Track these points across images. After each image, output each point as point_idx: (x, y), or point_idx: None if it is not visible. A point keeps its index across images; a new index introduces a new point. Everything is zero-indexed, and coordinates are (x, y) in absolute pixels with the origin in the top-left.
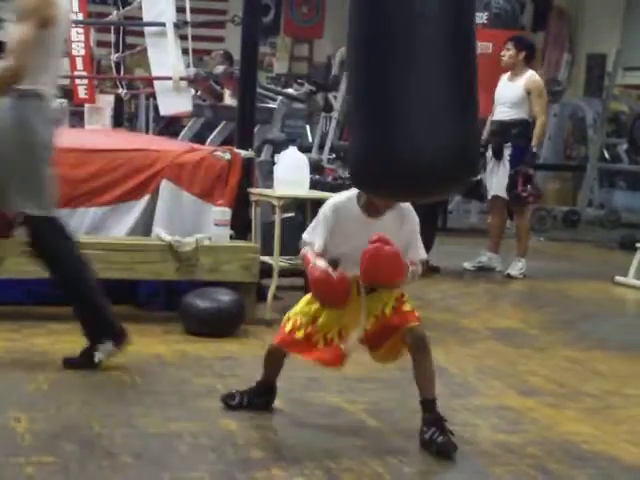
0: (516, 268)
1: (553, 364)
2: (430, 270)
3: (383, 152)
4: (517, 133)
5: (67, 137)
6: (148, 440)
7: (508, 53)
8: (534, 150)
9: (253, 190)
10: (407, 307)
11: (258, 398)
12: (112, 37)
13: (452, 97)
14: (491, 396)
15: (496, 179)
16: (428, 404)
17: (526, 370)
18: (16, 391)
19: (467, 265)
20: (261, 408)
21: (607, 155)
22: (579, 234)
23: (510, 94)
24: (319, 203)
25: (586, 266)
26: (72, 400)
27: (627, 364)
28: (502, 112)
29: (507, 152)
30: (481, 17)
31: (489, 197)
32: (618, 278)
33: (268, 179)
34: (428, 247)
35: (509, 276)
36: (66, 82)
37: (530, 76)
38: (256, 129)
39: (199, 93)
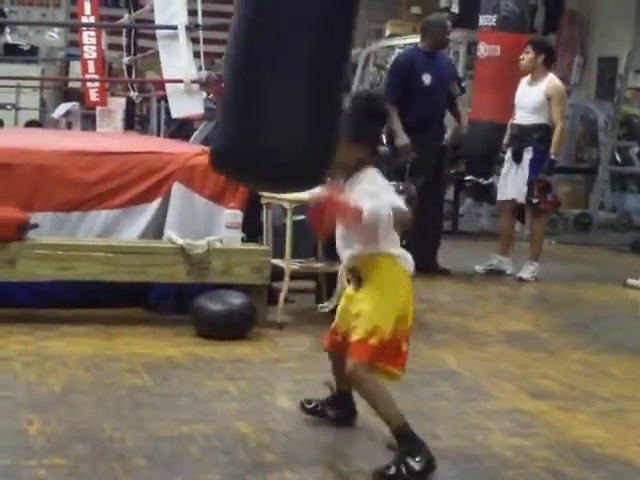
0: (528, 271)
1: (565, 367)
2: (440, 273)
3: (239, 142)
4: (537, 138)
5: (79, 140)
6: (160, 443)
7: (527, 57)
8: (552, 157)
9: (264, 193)
10: (356, 334)
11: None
12: (124, 40)
13: (311, 101)
14: (503, 399)
15: (511, 183)
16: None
17: (538, 373)
18: (29, 394)
19: (478, 268)
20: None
21: (619, 158)
22: (591, 237)
23: (530, 99)
24: None
25: (598, 269)
26: (84, 403)
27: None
28: (522, 117)
29: (527, 156)
30: (490, 20)
31: (499, 200)
32: (630, 281)
33: None
34: (434, 249)
35: (521, 279)
36: (78, 85)
37: (550, 81)
38: None
39: (210, 96)
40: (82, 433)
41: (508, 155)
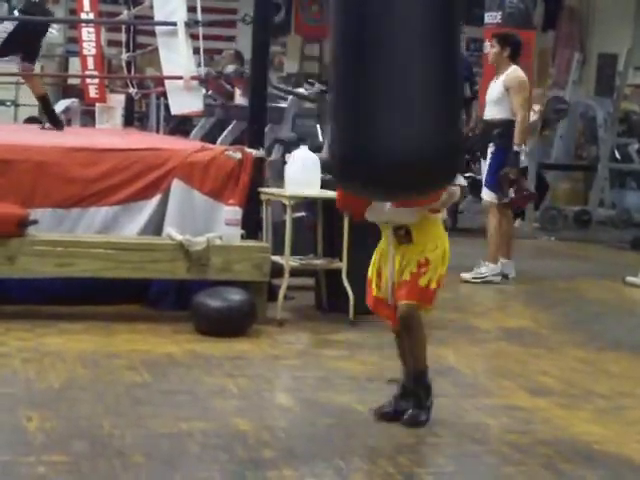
0: (474, 273)
1: (564, 364)
2: None
3: (366, 152)
4: (498, 133)
5: (78, 136)
6: (159, 440)
7: (492, 50)
8: (516, 149)
9: (264, 190)
10: (422, 281)
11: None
12: (123, 36)
13: (434, 96)
14: (502, 396)
15: (483, 181)
16: (414, 378)
17: (537, 370)
18: (28, 390)
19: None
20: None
21: (618, 155)
22: (590, 234)
23: (492, 92)
24: (330, 203)
25: (597, 266)
26: (83, 399)
27: (638, 365)
28: (488, 111)
29: (489, 153)
30: (495, 17)
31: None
32: (629, 278)
33: (279, 179)
34: None
35: (464, 280)
36: (77, 81)
37: (510, 72)
38: (267, 129)
39: (210, 92)
40: (81, 430)
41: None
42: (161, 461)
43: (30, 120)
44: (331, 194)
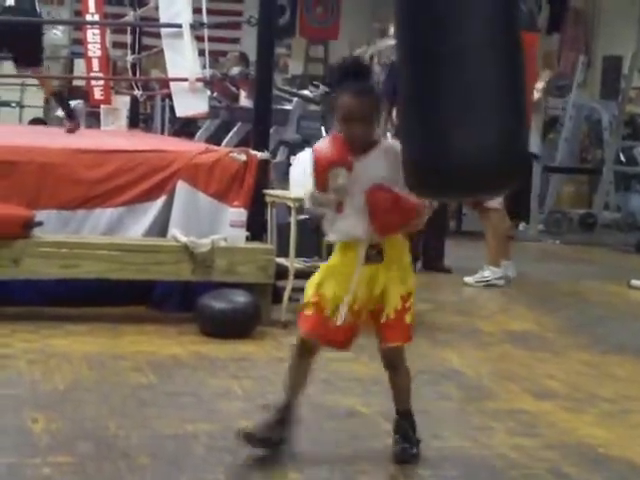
0: (477, 276)
1: (569, 368)
2: (442, 271)
3: (442, 159)
4: None
5: (83, 138)
6: (164, 441)
7: None
8: None
9: (269, 191)
10: (408, 318)
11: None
12: (128, 38)
13: (503, 98)
14: (507, 399)
15: None
16: (400, 414)
17: (542, 374)
18: (33, 392)
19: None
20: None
21: (623, 158)
22: (595, 237)
23: None
24: None
25: (602, 269)
26: (89, 401)
27: None
28: None
29: None
30: None
31: None
32: (634, 282)
33: (284, 180)
34: (440, 251)
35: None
36: (82, 83)
37: None
38: (272, 130)
39: (215, 94)
40: (87, 431)
41: None
42: (166, 462)
43: (35, 121)
44: None
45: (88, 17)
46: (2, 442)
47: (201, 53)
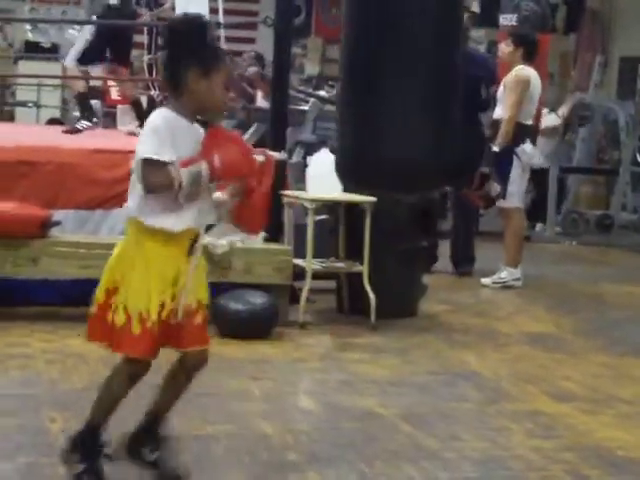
0: (495, 277)
1: (587, 369)
2: (460, 274)
3: (370, 151)
4: (495, 133)
5: (101, 138)
6: (186, 442)
7: (506, 50)
8: (494, 149)
9: (286, 192)
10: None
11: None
12: (145, 38)
13: (433, 106)
14: (525, 401)
15: None
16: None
17: (560, 375)
18: (51, 391)
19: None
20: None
21: None
22: (612, 238)
23: (499, 92)
24: (352, 205)
25: (620, 271)
26: None
27: None
28: (496, 111)
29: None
30: (510, 19)
31: None
32: None
33: (300, 181)
34: (470, 251)
35: (483, 285)
36: (98, 83)
37: (514, 71)
38: (288, 131)
39: (231, 95)
40: (107, 433)
41: None
42: (186, 463)
43: (52, 121)
44: (352, 197)
45: None
46: (20, 441)
47: None
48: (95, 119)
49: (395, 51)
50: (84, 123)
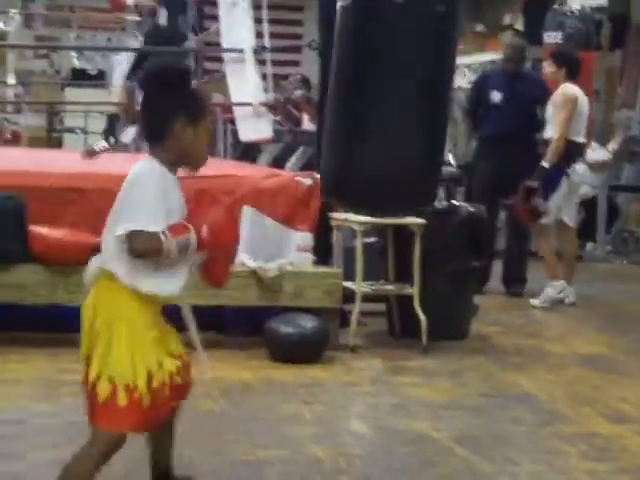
0: (542, 297)
1: None
2: (511, 294)
3: (354, 168)
4: (545, 151)
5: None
6: (237, 467)
7: (550, 69)
8: (543, 164)
9: (334, 215)
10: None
11: None
12: (191, 63)
13: (418, 129)
14: (580, 423)
15: None
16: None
17: (614, 396)
18: None
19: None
20: None
21: None
22: None
23: (547, 112)
24: (400, 228)
25: None
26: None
27: None
28: (546, 131)
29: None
30: (555, 37)
31: None
32: None
33: None
34: (522, 272)
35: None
36: None
37: (560, 89)
38: None
39: (277, 118)
40: None
41: None
42: None
43: None
44: (401, 220)
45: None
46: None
47: (263, 77)
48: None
49: (378, 68)
50: (102, 145)
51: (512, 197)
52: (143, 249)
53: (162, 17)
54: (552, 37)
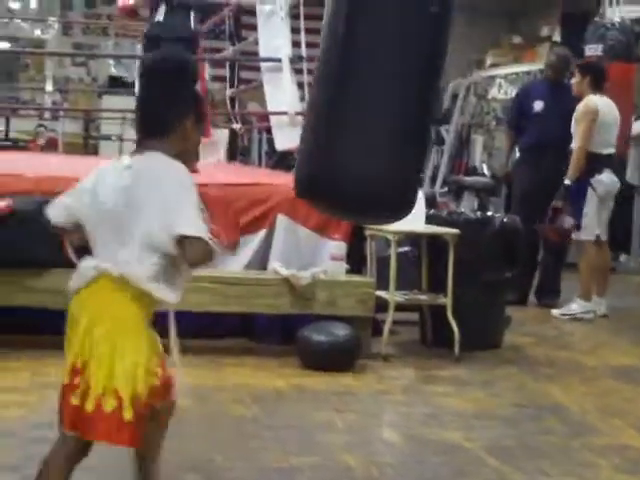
0: (564, 309)
1: None
2: (542, 305)
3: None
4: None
5: None
6: (269, 474)
7: (575, 80)
8: (566, 182)
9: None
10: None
11: None
12: (227, 72)
13: (397, 133)
14: (612, 435)
15: None
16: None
17: None
18: None
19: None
20: None
21: None
22: None
23: (572, 123)
24: (434, 238)
25: None
26: (194, 433)
27: None
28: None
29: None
30: (596, 49)
31: None
32: None
33: None
34: (556, 284)
35: (554, 316)
36: None
37: (583, 101)
38: None
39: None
40: (194, 463)
41: None
42: None
43: None
44: (435, 229)
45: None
46: (107, 473)
47: (299, 86)
48: None
49: (361, 70)
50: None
51: (542, 218)
52: (202, 256)
53: (160, 14)
54: (593, 50)
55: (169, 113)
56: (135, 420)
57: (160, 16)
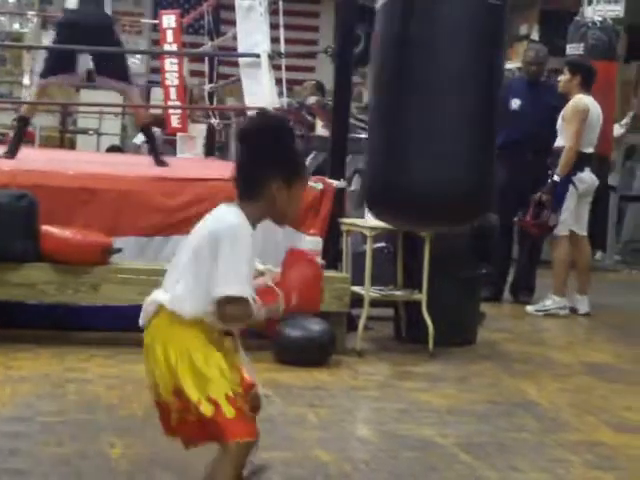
0: (539, 305)
1: None
2: (520, 303)
3: (399, 183)
4: (555, 162)
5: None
6: None
7: (563, 78)
8: (555, 177)
9: (344, 220)
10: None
11: None
12: (206, 67)
13: (469, 136)
14: (585, 432)
15: None
16: None
17: (620, 406)
18: (111, 417)
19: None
20: None
21: None
22: None
23: (559, 121)
24: (410, 234)
25: None
26: None
27: None
28: (557, 140)
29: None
30: (577, 48)
31: None
32: None
33: (359, 209)
34: (531, 280)
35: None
36: (158, 111)
37: (572, 101)
38: (347, 159)
39: (291, 123)
40: (164, 457)
41: None
42: None
43: (112, 149)
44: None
45: (166, 47)
46: (81, 467)
47: (277, 82)
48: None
49: (424, 70)
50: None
51: (522, 211)
52: (235, 315)
53: (71, 2)
54: (575, 49)
55: (252, 180)
56: (238, 414)
57: (72, 4)
